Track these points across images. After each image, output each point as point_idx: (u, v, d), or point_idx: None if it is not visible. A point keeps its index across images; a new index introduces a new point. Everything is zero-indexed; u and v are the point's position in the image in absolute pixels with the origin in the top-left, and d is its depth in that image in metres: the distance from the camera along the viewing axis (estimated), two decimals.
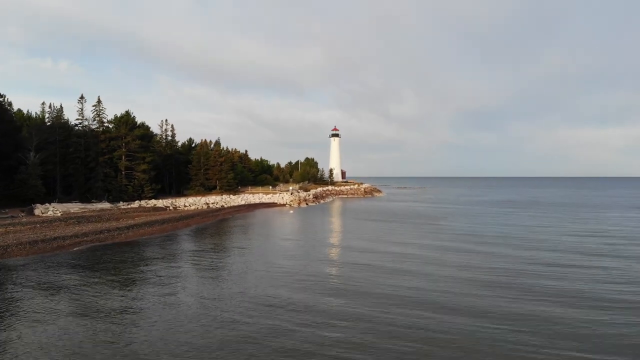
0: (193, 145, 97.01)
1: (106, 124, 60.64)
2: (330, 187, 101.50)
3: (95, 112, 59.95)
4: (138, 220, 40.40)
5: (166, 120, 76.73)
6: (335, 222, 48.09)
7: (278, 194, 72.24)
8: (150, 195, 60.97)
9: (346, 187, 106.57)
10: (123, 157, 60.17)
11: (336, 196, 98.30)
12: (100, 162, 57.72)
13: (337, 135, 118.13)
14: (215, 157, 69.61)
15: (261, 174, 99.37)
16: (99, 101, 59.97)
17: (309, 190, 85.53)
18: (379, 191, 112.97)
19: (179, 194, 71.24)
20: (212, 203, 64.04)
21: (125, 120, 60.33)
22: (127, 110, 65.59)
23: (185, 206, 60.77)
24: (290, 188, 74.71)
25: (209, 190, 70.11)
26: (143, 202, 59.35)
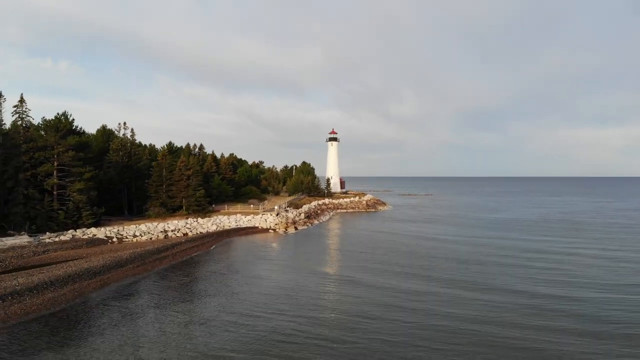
0: (174, 151, 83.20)
1: (37, 130, 46.56)
2: (327, 201, 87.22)
3: (17, 115, 45.96)
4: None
5: (124, 124, 62.64)
6: (330, 276, 33.78)
7: (260, 216, 58.00)
8: (89, 222, 46.78)
9: (345, 199, 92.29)
10: (54, 173, 46.06)
11: (334, 211, 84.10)
12: (21, 180, 43.65)
13: (335, 139, 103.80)
14: (180, 169, 55.38)
15: (247, 185, 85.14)
16: (21, 100, 45.93)
17: (301, 207, 71.27)
18: (383, 204, 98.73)
19: (141, 215, 56.99)
20: (172, 230, 49.87)
21: (56, 126, 46.14)
22: (64, 112, 51.32)
23: (135, 236, 46.67)
24: (276, 207, 60.43)
25: (173, 211, 55.90)
26: (79, 232, 45.31)
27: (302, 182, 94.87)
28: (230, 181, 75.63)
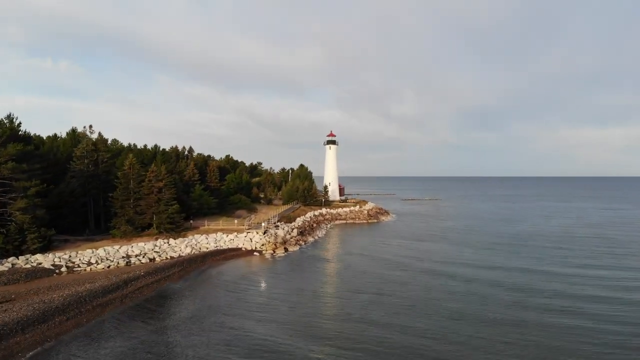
0: (160, 153, 75.38)
1: None
2: (324, 211, 79.14)
3: None
4: None
5: (90, 126, 54.75)
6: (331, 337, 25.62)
7: (245, 234, 49.99)
8: (35, 247, 38.80)
9: (345, 209, 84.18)
10: None
11: (332, 222, 76.06)
12: None
13: (333, 142, 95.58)
14: (150, 181, 47.40)
15: (236, 193, 77.14)
16: None
17: (294, 221, 63.21)
18: (386, 213, 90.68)
19: (107, 234, 48.95)
20: (136, 255, 41.91)
21: None
22: (8, 114, 43.30)
23: (90, 264, 38.78)
24: (264, 224, 52.34)
25: (141, 230, 47.92)
26: (21, 260, 37.38)
27: (297, 189, 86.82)
28: (216, 190, 67.60)
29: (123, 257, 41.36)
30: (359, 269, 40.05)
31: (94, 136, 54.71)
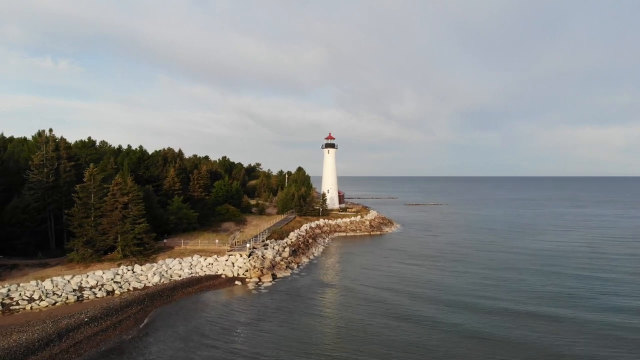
0: (145, 159, 68.33)
1: None
2: (321, 222, 71.80)
3: None
4: None
5: (50, 130, 47.47)
6: None
7: (226, 257, 42.68)
8: None
9: (345, 219, 76.79)
10: None
11: (330, 235, 68.75)
12: None
13: (332, 145, 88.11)
14: (114, 194, 40.11)
15: (224, 203, 69.87)
16: None
17: (287, 237, 55.88)
18: (389, 223, 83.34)
19: (64, 256, 41.64)
20: (91, 288, 34.65)
21: None
22: None
23: (32, 300, 31.58)
24: (248, 245, 44.90)
25: (104, 252, 40.66)
26: None
27: (293, 196, 79.47)
28: (200, 201, 60.29)
29: (74, 290, 34.09)
30: (360, 308, 32.71)
31: (57, 142, 47.31)
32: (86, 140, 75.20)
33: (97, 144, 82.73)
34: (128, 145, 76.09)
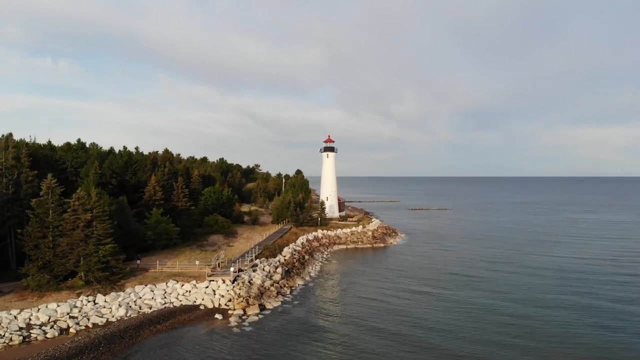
0: (132, 163, 62.79)
1: None
2: (319, 234, 65.98)
3: None
4: None
5: (10, 135, 41.80)
6: None
7: (207, 283, 36.85)
8: None
9: (345, 230, 70.96)
10: None
11: (329, 248, 62.94)
12: None
13: (331, 149, 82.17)
14: (75, 210, 34.34)
15: (214, 212, 64.12)
16: None
17: (280, 253, 50.07)
18: (393, 233, 77.54)
19: (19, 281, 35.84)
20: (41, 326, 28.89)
21: None
22: None
23: None
24: (232, 269, 38.92)
25: (63, 279, 34.92)
26: None
27: (289, 204, 73.71)
28: (184, 212, 54.49)
29: (20, 328, 28.38)
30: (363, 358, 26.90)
31: (19, 149, 41.60)
32: (75, 142, 68.96)
33: (87, 146, 76.94)
34: (124, 146, 70.14)
